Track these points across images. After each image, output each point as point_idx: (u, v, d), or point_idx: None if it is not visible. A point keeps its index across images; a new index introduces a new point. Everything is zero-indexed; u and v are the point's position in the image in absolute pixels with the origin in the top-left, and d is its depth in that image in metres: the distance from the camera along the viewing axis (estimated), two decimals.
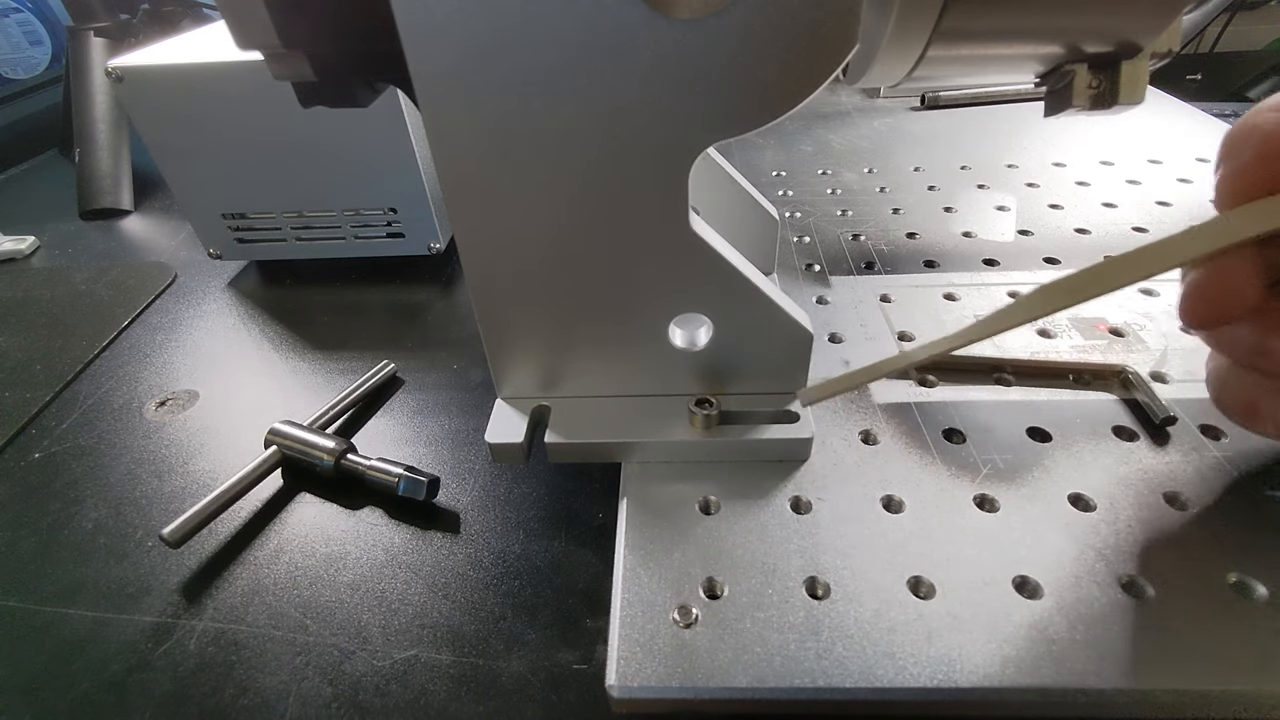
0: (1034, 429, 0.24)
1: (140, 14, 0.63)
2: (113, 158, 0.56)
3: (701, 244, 0.21)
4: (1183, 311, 0.18)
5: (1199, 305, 0.18)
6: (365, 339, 0.37)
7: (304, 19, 0.18)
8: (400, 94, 0.32)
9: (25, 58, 0.86)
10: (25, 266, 0.49)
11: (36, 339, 0.39)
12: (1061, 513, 0.21)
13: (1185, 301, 0.18)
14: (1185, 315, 0.18)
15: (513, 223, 0.20)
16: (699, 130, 0.18)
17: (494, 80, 0.18)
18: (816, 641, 0.18)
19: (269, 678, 0.21)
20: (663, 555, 0.21)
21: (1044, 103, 0.23)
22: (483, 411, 0.25)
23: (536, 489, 0.27)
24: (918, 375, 0.27)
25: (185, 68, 0.35)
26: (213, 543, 0.26)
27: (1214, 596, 0.19)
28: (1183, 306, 0.18)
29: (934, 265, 0.35)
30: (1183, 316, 0.18)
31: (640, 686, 0.18)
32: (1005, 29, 0.19)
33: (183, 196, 0.40)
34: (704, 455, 0.24)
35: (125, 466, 0.30)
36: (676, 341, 0.23)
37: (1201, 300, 0.18)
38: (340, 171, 0.38)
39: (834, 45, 0.17)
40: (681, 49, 0.17)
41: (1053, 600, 0.19)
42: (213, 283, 0.43)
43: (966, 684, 0.17)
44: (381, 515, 0.26)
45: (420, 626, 0.22)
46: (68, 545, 0.26)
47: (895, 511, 0.22)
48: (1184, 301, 0.18)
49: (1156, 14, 0.19)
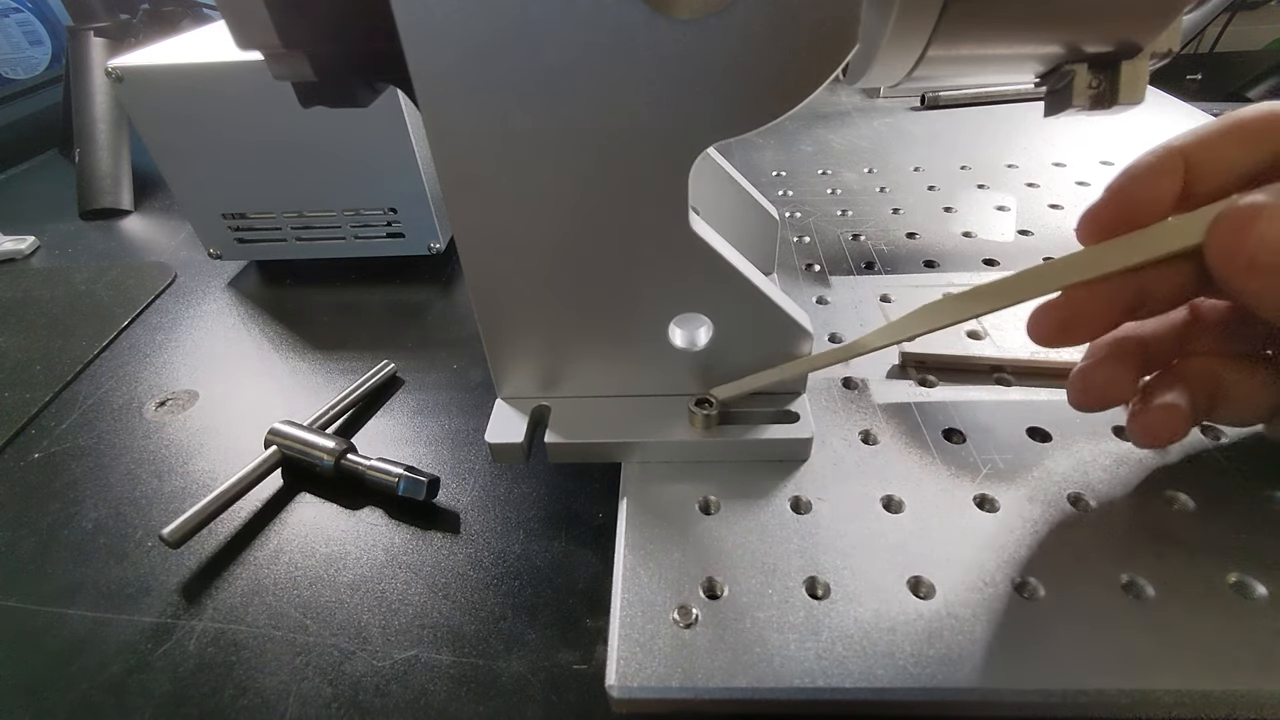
0: (1034, 429, 0.24)
1: (140, 14, 0.64)
2: (113, 158, 0.56)
3: (701, 244, 0.21)
4: (1071, 400, 0.21)
5: (1083, 395, 0.20)
6: (365, 339, 0.37)
7: (304, 19, 0.18)
8: (400, 94, 0.32)
9: (25, 58, 0.86)
10: (25, 266, 0.49)
11: (36, 339, 0.39)
12: (1061, 513, 0.21)
13: (1070, 392, 0.21)
14: (1074, 403, 0.21)
15: (513, 223, 0.20)
16: (699, 130, 0.18)
17: (494, 80, 0.18)
18: (816, 641, 0.18)
19: (269, 678, 0.21)
20: (663, 555, 0.21)
21: (1044, 103, 0.23)
22: (483, 411, 0.25)
23: (536, 489, 0.27)
24: (917, 375, 0.27)
25: (185, 68, 0.35)
26: (213, 543, 0.26)
27: (1214, 596, 0.19)
28: (1070, 396, 0.21)
29: (934, 265, 0.35)
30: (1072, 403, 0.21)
31: (640, 686, 0.18)
32: (1005, 29, 0.19)
33: (183, 196, 0.40)
34: (704, 455, 0.24)
35: (125, 466, 0.30)
36: (676, 341, 0.23)
37: (1082, 391, 0.20)
38: (340, 171, 0.38)
39: (834, 45, 0.17)
40: (681, 49, 0.17)
41: (1052, 600, 0.19)
42: (213, 283, 0.43)
43: (966, 684, 0.17)
44: (381, 515, 0.26)
45: (420, 626, 0.22)
46: (68, 545, 0.26)
47: (895, 511, 0.22)
48: (1069, 392, 0.21)
49: (1156, 14, 0.19)
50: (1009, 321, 0.30)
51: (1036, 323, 0.19)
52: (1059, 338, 0.19)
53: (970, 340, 0.29)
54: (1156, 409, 0.20)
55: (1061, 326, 0.19)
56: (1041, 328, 0.19)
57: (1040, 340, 0.19)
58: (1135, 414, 0.20)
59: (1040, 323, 0.19)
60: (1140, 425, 0.20)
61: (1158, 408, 0.20)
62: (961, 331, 0.30)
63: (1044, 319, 0.19)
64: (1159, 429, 0.20)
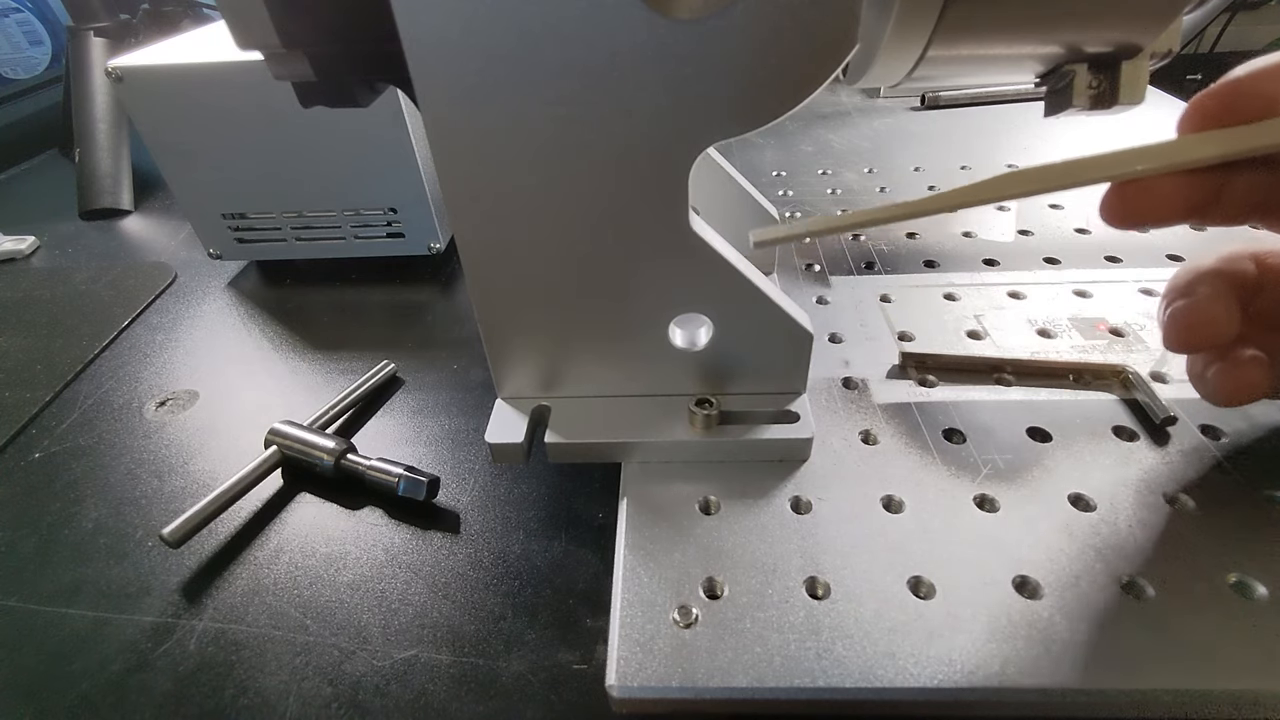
0: (1034, 429, 0.24)
1: (140, 14, 0.64)
2: (113, 158, 0.56)
3: (701, 244, 0.21)
4: (1166, 339, 0.21)
5: (1182, 333, 0.20)
6: (365, 339, 0.37)
7: (304, 19, 0.18)
8: (400, 94, 0.32)
9: (25, 58, 0.86)
10: (25, 266, 0.49)
11: (36, 339, 0.39)
12: (1061, 513, 0.21)
13: (1174, 328, 0.20)
14: (1170, 343, 0.21)
15: (513, 223, 0.20)
16: (699, 130, 0.18)
17: (494, 81, 0.18)
18: (816, 641, 0.18)
19: (269, 678, 0.21)
20: (663, 555, 0.21)
21: (1044, 103, 0.23)
22: (483, 411, 0.25)
23: (536, 489, 0.27)
24: (917, 375, 0.27)
25: (185, 68, 0.35)
26: (213, 543, 0.26)
27: (1214, 596, 0.19)
28: (1166, 335, 0.21)
29: (934, 265, 0.35)
30: (1167, 343, 0.20)
31: (640, 686, 0.18)
32: (1005, 29, 0.19)
33: (183, 196, 0.40)
34: (704, 455, 0.24)
35: (125, 466, 0.30)
36: (676, 341, 0.23)
37: (1184, 329, 0.20)
38: (340, 171, 0.38)
39: (834, 45, 0.17)
40: (681, 49, 0.17)
41: (1053, 600, 0.19)
42: (213, 283, 0.43)
43: (966, 684, 0.17)
44: (381, 515, 0.26)
45: (420, 626, 0.22)
46: (68, 545, 0.26)
47: (895, 511, 0.22)
48: (1170, 329, 0.20)
49: (1156, 14, 0.19)
50: (1009, 321, 0.30)
51: (1110, 201, 0.19)
52: (1131, 217, 0.19)
53: (970, 340, 0.29)
54: (1247, 363, 0.20)
55: (1137, 207, 0.19)
56: (1114, 206, 0.19)
57: (1109, 217, 0.19)
58: (1221, 370, 0.20)
59: (1113, 201, 0.19)
60: (1231, 381, 0.20)
61: (1248, 361, 0.19)
62: (962, 331, 0.30)
63: (1118, 198, 0.19)
64: (1245, 386, 0.20)
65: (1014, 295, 0.32)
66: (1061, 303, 0.31)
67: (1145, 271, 0.33)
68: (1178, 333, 0.20)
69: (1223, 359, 0.20)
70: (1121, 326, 0.29)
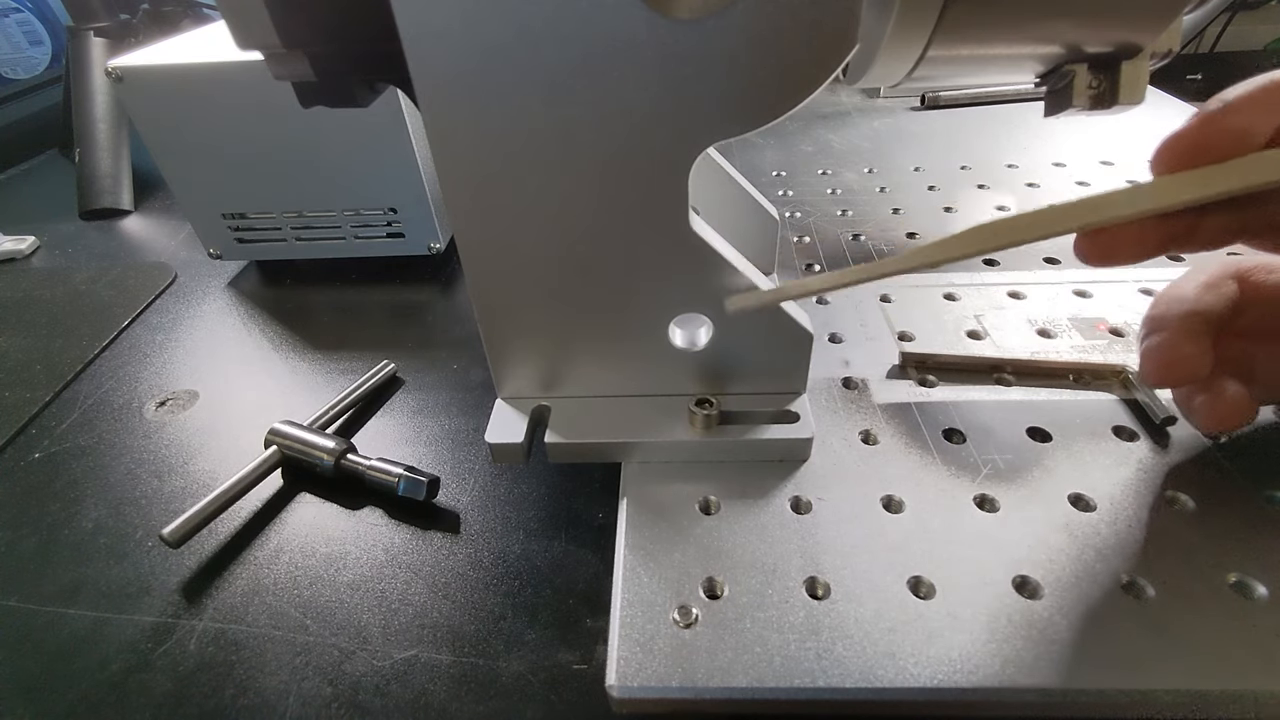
0: (1034, 429, 0.24)
1: (140, 14, 0.64)
2: (113, 158, 0.56)
3: (701, 244, 0.21)
4: (1142, 374, 0.22)
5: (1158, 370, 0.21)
6: (365, 339, 0.37)
7: (304, 19, 0.18)
8: (400, 94, 0.32)
9: (25, 58, 0.86)
10: (25, 266, 0.49)
11: (36, 339, 0.39)
12: (1061, 513, 0.21)
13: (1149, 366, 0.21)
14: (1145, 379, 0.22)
15: (513, 223, 0.20)
16: (699, 130, 0.18)
17: (494, 81, 0.18)
18: (816, 641, 0.18)
19: (269, 678, 0.21)
20: (663, 555, 0.21)
21: (1044, 103, 0.23)
22: (483, 411, 0.25)
23: (536, 489, 0.27)
24: (917, 375, 0.27)
25: (185, 68, 0.35)
26: (213, 543, 0.26)
27: (1214, 596, 0.19)
28: (1141, 370, 0.22)
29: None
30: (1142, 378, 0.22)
31: (640, 686, 0.18)
32: (1005, 29, 0.19)
33: (183, 196, 0.40)
34: (704, 455, 0.24)
35: (125, 466, 0.30)
36: (676, 341, 0.23)
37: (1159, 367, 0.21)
38: (340, 171, 0.38)
39: (834, 45, 0.17)
40: (681, 49, 0.17)
41: (1053, 600, 0.19)
42: (213, 283, 0.43)
43: (966, 684, 0.17)
44: (381, 515, 0.26)
45: (420, 626, 0.22)
46: (68, 545, 0.26)
47: (895, 511, 0.22)
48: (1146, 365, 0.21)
49: (1156, 14, 0.19)
50: (1009, 322, 0.30)
51: (1081, 245, 0.19)
52: (1104, 259, 0.19)
53: (970, 340, 0.29)
54: (1230, 397, 0.21)
55: (1109, 249, 0.19)
56: (1086, 249, 0.19)
57: (1086, 257, 0.19)
58: (1206, 403, 0.21)
59: (1084, 245, 0.19)
60: (1215, 413, 0.21)
61: (1231, 396, 0.21)
62: (962, 331, 0.30)
63: (1089, 242, 0.19)
64: (1230, 416, 0.21)
65: (1014, 295, 0.32)
66: (1061, 303, 0.31)
67: (1145, 272, 0.33)
68: (1153, 370, 0.21)
69: (1206, 390, 0.21)
70: (1121, 326, 0.29)
